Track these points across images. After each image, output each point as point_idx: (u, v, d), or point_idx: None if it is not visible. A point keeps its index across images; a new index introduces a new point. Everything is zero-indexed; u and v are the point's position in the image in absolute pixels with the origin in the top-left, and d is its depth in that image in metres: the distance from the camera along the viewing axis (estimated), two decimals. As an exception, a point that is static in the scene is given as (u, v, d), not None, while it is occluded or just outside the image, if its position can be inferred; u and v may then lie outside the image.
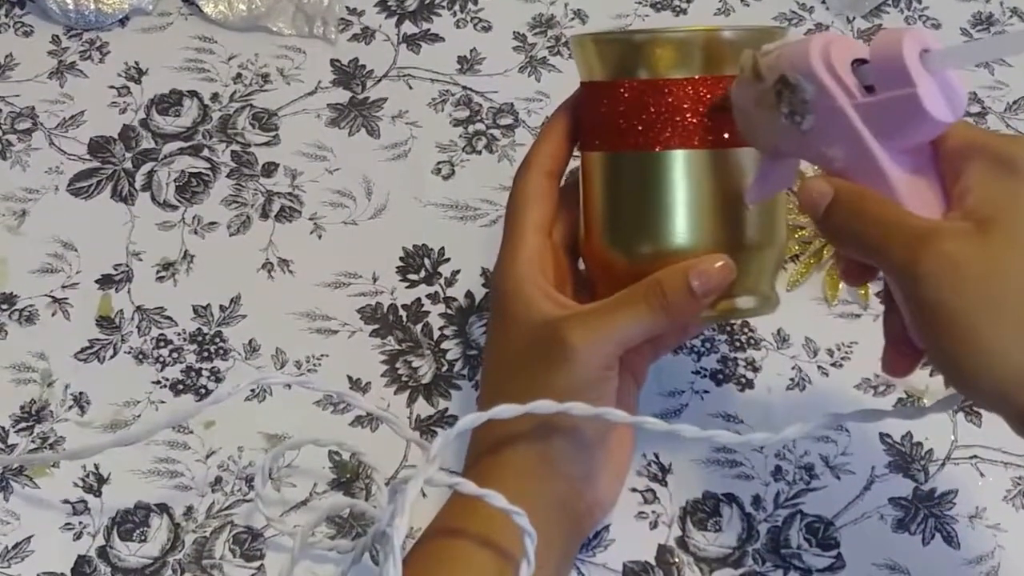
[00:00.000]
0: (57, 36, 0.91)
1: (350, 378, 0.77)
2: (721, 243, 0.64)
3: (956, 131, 0.56)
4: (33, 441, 0.74)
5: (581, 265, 0.70)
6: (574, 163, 0.69)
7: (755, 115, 0.59)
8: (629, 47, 0.65)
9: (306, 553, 0.70)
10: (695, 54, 0.64)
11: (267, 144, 0.87)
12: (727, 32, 0.64)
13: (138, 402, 0.76)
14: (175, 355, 0.78)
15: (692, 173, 0.64)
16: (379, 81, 0.90)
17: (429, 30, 0.92)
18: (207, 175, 0.85)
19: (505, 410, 0.61)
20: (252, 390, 0.76)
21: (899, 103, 0.54)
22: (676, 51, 0.64)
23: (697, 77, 0.63)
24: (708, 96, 0.63)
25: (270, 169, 0.85)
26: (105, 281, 0.81)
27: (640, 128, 0.64)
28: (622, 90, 0.64)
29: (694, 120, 0.63)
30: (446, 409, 0.76)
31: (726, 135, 0.63)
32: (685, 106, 0.63)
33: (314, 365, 0.77)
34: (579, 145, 0.68)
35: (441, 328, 0.79)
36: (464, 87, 0.89)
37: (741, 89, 0.60)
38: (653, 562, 0.71)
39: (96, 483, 0.73)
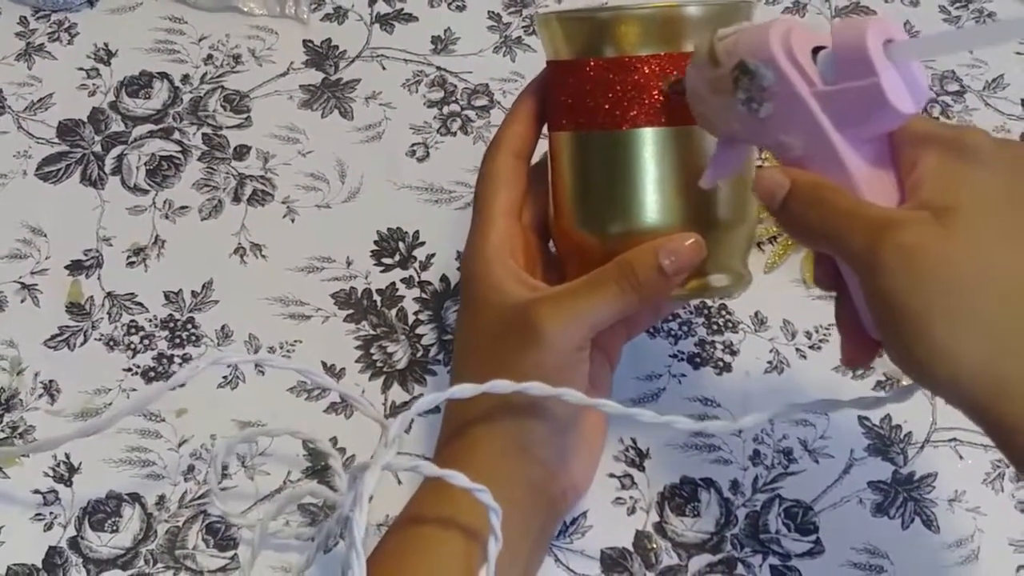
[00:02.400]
0: (25, 17, 0.90)
1: (324, 364, 0.76)
2: (691, 221, 0.63)
3: (910, 122, 0.55)
4: (2, 430, 0.73)
5: (552, 247, 0.69)
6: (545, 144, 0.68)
7: (710, 100, 0.58)
8: (593, 25, 0.64)
9: (270, 543, 0.70)
10: (660, 31, 0.63)
11: (239, 127, 0.85)
12: (692, 8, 0.63)
13: (109, 390, 0.75)
14: (146, 342, 0.77)
15: (660, 151, 0.63)
16: (352, 62, 0.89)
17: (403, 10, 0.91)
18: (178, 158, 0.84)
19: (463, 389, 0.60)
20: (224, 377, 0.75)
21: (861, 93, 0.53)
22: (641, 28, 0.63)
23: (663, 54, 0.62)
24: (675, 73, 0.62)
25: (242, 152, 0.84)
26: (75, 267, 0.80)
27: (607, 106, 0.63)
28: (588, 69, 0.63)
29: (661, 97, 0.62)
30: (421, 395, 0.75)
31: (691, 112, 0.62)
32: (652, 83, 0.62)
33: (288, 351, 0.76)
34: (547, 125, 0.67)
35: (416, 313, 0.78)
36: (438, 68, 0.88)
37: (696, 73, 0.59)
38: (631, 548, 0.70)
39: (67, 473, 0.72)
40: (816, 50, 0.55)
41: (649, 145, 0.63)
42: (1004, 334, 0.51)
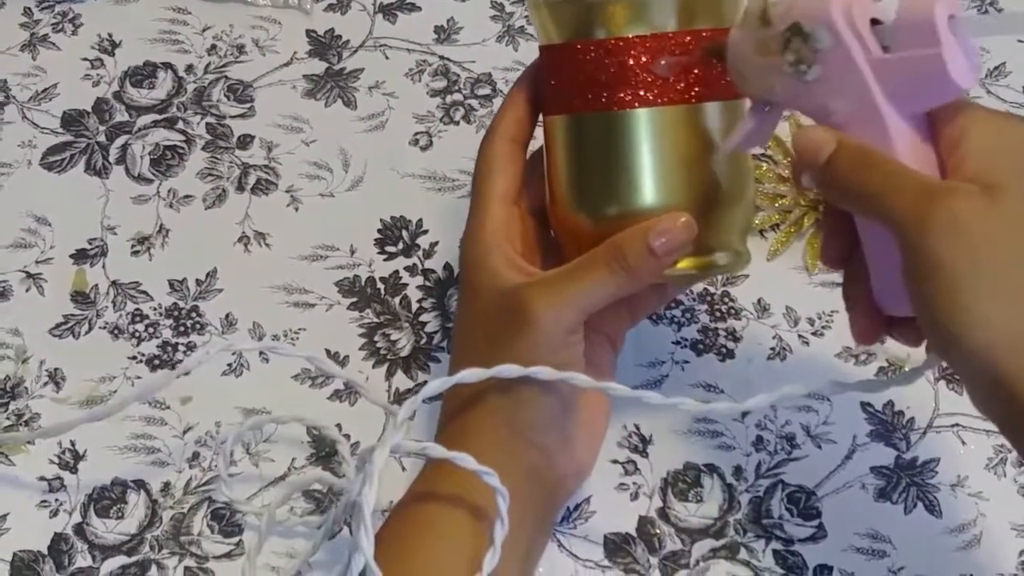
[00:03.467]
0: (29, 8, 0.90)
1: (328, 351, 0.76)
2: (687, 201, 0.63)
3: (955, 101, 0.56)
4: (8, 418, 0.74)
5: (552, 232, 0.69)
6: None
7: (753, 61, 0.59)
8: (583, 7, 0.64)
9: (277, 530, 0.70)
10: (650, 11, 0.63)
11: (242, 116, 0.86)
12: None
13: (114, 378, 0.75)
14: (151, 330, 0.77)
15: (653, 131, 0.63)
16: (355, 52, 0.89)
17: (405, 0, 0.91)
18: (182, 148, 0.84)
19: (470, 374, 0.60)
20: (228, 364, 0.75)
21: (921, 62, 0.54)
22: (630, 9, 0.63)
23: (651, 34, 0.62)
24: (663, 53, 0.62)
25: (246, 141, 0.84)
26: (80, 256, 0.80)
27: (598, 89, 0.63)
28: (578, 51, 0.63)
29: (650, 78, 0.62)
30: (425, 382, 0.75)
31: (686, 91, 0.63)
32: (643, 64, 0.62)
33: (291, 339, 0.77)
34: (542, 111, 0.67)
35: (419, 301, 0.78)
36: (441, 57, 0.88)
37: (742, 34, 0.59)
38: (634, 533, 0.70)
39: (72, 460, 0.72)
40: (873, 22, 0.56)
41: (642, 126, 0.63)
42: None
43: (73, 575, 0.69)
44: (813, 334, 0.77)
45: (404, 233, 0.81)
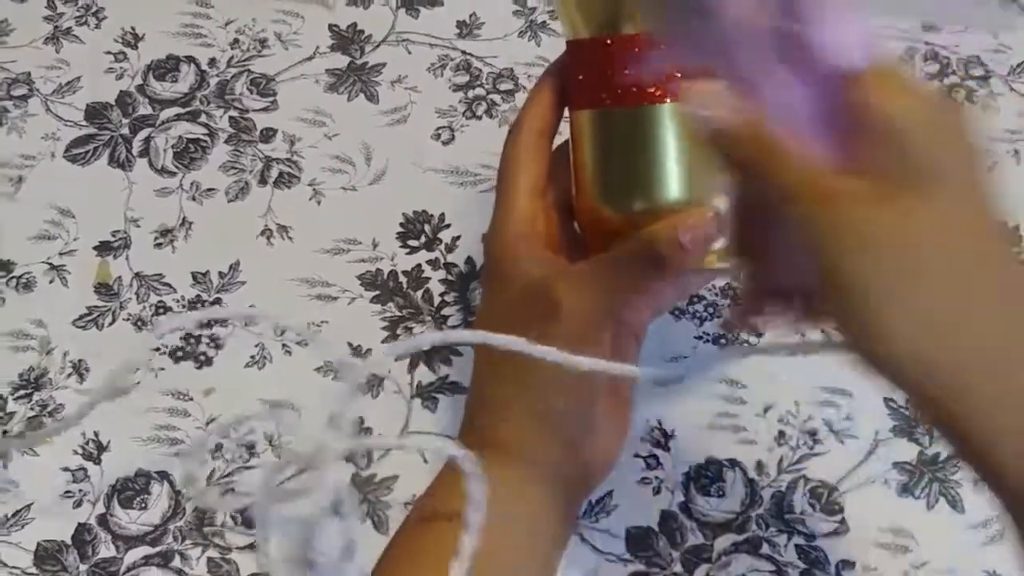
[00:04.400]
0: (52, 1, 0.90)
1: (350, 344, 0.76)
2: (714, 196, 0.63)
3: (862, 83, 0.51)
4: (32, 408, 0.74)
5: (576, 225, 0.69)
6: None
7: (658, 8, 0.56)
8: (610, 1, 0.64)
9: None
10: None
11: (265, 110, 0.86)
12: None
13: (137, 369, 0.75)
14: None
15: (682, 127, 0.63)
16: (378, 46, 0.89)
17: (428, -6, 0.91)
18: (205, 141, 0.84)
19: (473, 336, 0.59)
20: (252, 356, 0.76)
21: (800, 34, 0.52)
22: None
23: None
24: None
25: (268, 135, 0.85)
26: (103, 248, 0.80)
27: (626, 83, 0.63)
28: (606, 46, 0.63)
29: (681, 73, 0.62)
30: (447, 375, 0.75)
31: None
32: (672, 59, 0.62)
33: (314, 332, 0.77)
34: (568, 105, 0.68)
35: (442, 294, 0.79)
36: (463, 52, 0.88)
37: None
38: (656, 528, 0.70)
39: (96, 450, 0.72)
40: None
41: (670, 121, 0.63)
42: (938, 322, 0.49)
43: (97, 565, 0.69)
44: (835, 328, 0.77)
45: (426, 227, 0.81)
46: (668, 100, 0.63)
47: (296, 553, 0.68)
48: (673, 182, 0.63)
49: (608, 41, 0.63)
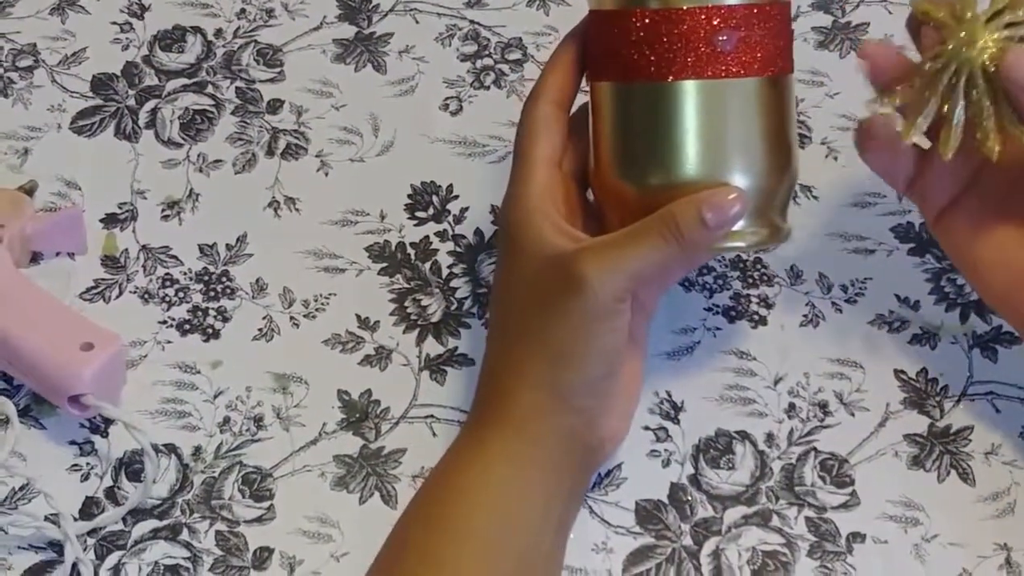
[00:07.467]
0: (58, -28, 0.90)
1: (358, 317, 0.76)
2: (733, 174, 0.63)
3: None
4: (39, 382, 0.74)
5: (591, 196, 0.69)
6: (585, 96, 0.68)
7: None
8: None
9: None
10: None
11: (272, 80, 0.85)
12: None
13: (144, 342, 0.75)
14: (181, 294, 0.77)
15: (704, 103, 0.63)
16: (385, 16, 0.88)
17: (436, -37, 0.90)
18: (211, 112, 0.84)
19: None
20: (259, 329, 0.75)
21: None
22: None
23: (711, 6, 0.62)
24: (721, 25, 0.62)
25: (275, 106, 0.84)
26: (109, 220, 0.80)
27: (652, 58, 0.62)
28: (634, 19, 0.63)
29: (707, 50, 0.62)
30: (456, 348, 0.75)
31: (743, 65, 0.62)
32: (699, 35, 0.62)
33: (322, 304, 0.76)
34: (588, 75, 0.67)
35: (450, 266, 0.78)
36: (472, 21, 0.88)
37: None
38: (666, 500, 0.70)
39: (103, 423, 0.72)
40: None
41: (693, 97, 0.63)
42: None
43: (105, 539, 0.69)
44: (846, 301, 0.76)
45: (434, 199, 0.81)
46: (695, 78, 0.62)
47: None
48: (694, 159, 0.63)
49: (637, 15, 0.63)
